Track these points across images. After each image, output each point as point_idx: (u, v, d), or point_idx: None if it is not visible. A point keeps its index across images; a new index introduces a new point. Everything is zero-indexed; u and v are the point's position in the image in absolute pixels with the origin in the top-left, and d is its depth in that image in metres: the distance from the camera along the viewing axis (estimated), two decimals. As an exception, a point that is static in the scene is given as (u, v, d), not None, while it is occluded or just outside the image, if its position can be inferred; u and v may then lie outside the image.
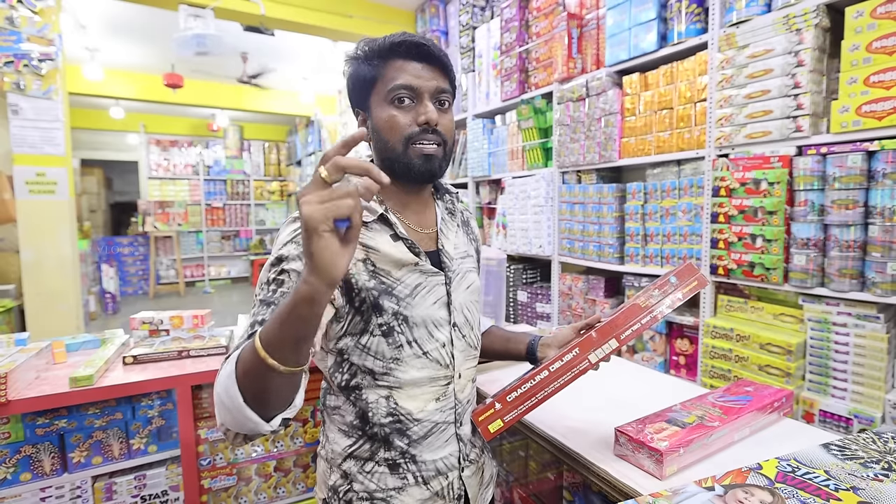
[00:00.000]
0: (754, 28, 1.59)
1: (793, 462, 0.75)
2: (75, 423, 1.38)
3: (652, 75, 1.96)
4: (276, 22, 3.51)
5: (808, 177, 1.45)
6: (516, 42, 2.64)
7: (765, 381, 1.51)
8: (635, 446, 0.85)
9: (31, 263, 2.91)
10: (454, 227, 0.90)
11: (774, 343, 1.50)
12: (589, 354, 0.81)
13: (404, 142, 0.77)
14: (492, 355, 1.08)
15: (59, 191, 2.93)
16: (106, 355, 1.51)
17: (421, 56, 0.78)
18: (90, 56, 5.04)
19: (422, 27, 3.72)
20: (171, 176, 7.75)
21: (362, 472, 0.80)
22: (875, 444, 0.82)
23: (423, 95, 0.77)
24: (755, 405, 0.96)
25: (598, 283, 2.20)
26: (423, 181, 0.81)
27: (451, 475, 0.84)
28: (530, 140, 2.57)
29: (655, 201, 1.94)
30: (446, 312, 0.82)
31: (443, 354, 0.81)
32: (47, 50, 2.76)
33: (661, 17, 1.91)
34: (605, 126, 2.12)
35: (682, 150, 1.83)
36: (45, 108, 2.82)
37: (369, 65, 0.79)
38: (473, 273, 0.91)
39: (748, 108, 1.60)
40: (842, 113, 1.39)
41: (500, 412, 0.82)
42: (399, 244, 0.79)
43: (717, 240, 1.67)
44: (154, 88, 5.88)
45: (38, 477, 1.35)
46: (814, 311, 1.47)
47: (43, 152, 2.85)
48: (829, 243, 1.42)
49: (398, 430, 0.79)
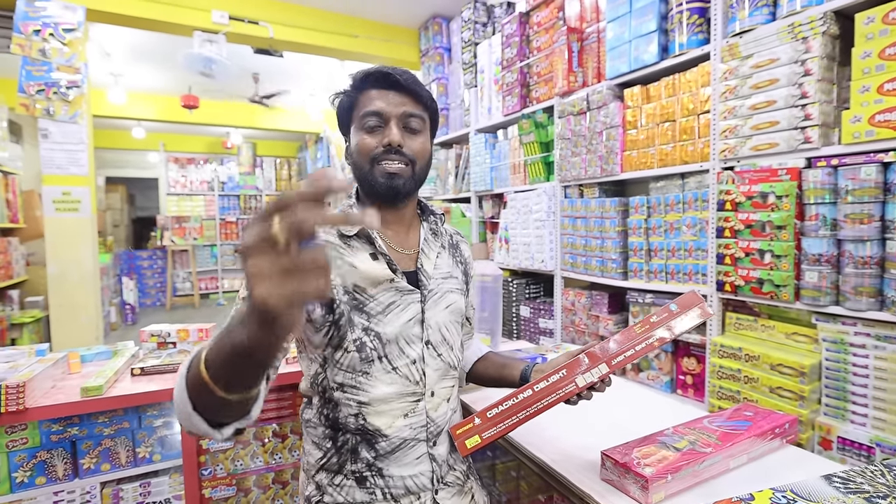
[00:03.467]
0: (758, 38, 1.50)
1: (789, 493, 0.67)
2: (86, 430, 1.42)
3: (654, 87, 1.87)
4: (285, 44, 3.51)
5: (819, 190, 1.35)
6: (517, 57, 2.58)
7: (776, 405, 1.39)
8: (621, 471, 0.80)
9: (56, 277, 3.02)
10: (437, 247, 0.91)
11: (786, 364, 1.38)
12: (576, 377, 0.77)
13: (370, 161, 0.81)
14: (487, 382, 1.06)
15: (82, 208, 3.04)
16: (116, 366, 1.55)
17: (389, 84, 0.81)
18: (114, 81, 5.23)
19: (425, 44, 3.68)
20: (188, 192, 7.82)
21: (332, 484, 0.81)
22: (884, 477, 0.72)
23: (389, 120, 0.81)
24: (754, 431, 0.88)
25: (602, 298, 2.10)
26: (388, 198, 0.83)
27: (424, 496, 0.82)
28: (532, 154, 2.49)
29: (659, 215, 1.84)
30: (420, 329, 0.82)
31: (412, 371, 0.81)
32: (74, 78, 2.88)
33: (662, 29, 1.83)
34: (607, 139, 2.03)
35: (686, 163, 1.73)
36: (71, 131, 2.95)
37: (348, 96, 0.85)
38: (455, 294, 0.91)
39: (753, 120, 1.51)
40: (853, 123, 1.29)
41: (479, 428, 0.79)
42: (378, 262, 0.81)
43: (724, 255, 1.56)
44: (172, 109, 5.96)
45: (52, 481, 1.38)
46: (829, 330, 1.35)
47: (69, 172, 2.99)
48: (844, 259, 1.31)
49: (367, 441, 0.80)
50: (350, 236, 0.81)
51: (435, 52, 3.53)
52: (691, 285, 1.71)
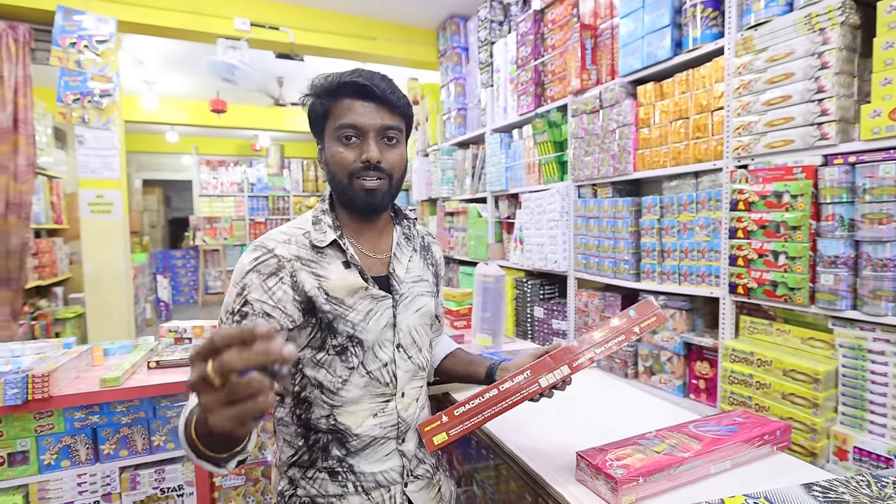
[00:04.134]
0: (773, 30, 1.45)
1: (762, 501, 0.66)
2: (106, 418, 1.53)
3: (667, 84, 1.83)
4: (305, 48, 3.60)
5: (836, 189, 1.29)
6: (532, 55, 2.57)
7: (789, 412, 1.35)
8: (593, 472, 0.81)
9: (91, 276, 3.20)
10: (409, 251, 0.92)
11: (799, 370, 1.34)
12: (540, 378, 0.80)
13: (348, 176, 0.81)
14: (454, 377, 1.09)
15: (115, 210, 3.21)
16: (134, 360, 1.66)
17: (366, 95, 0.80)
18: (147, 88, 5.49)
19: (443, 45, 3.70)
20: (219, 193, 8.11)
21: (305, 477, 0.83)
22: (869, 488, 0.69)
23: (367, 133, 0.80)
24: (740, 437, 0.87)
25: (615, 300, 2.07)
26: (366, 213, 0.85)
27: (394, 489, 0.85)
28: (546, 154, 2.48)
29: (672, 215, 1.81)
30: (392, 333, 0.85)
31: (383, 373, 0.84)
32: (106, 87, 3.05)
33: (676, 23, 1.79)
34: (620, 138, 2.00)
35: (699, 162, 1.69)
36: (104, 137, 3.12)
37: (321, 102, 0.83)
38: (426, 297, 0.93)
39: (768, 116, 1.46)
40: (873, 118, 1.23)
41: (446, 425, 0.83)
42: (350, 271, 0.82)
43: (736, 256, 1.52)
44: (202, 114, 6.19)
45: (75, 464, 1.49)
46: (845, 336, 1.30)
47: (102, 176, 3.15)
48: (861, 261, 1.26)
49: (338, 440, 0.82)
50: (323, 248, 0.82)
51: (453, 52, 3.54)
52: (704, 287, 1.67)
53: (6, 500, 1.40)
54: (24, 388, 1.35)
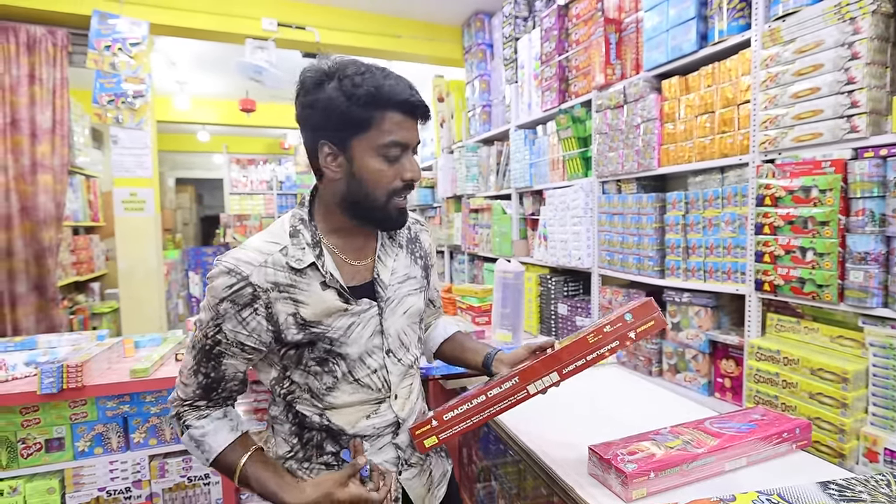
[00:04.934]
0: (801, 20, 1.43)
1: (775, 497, 0.68)
2: (136, 408, 1.63)
3: (692, 78, 1.83)
4: (331, 47, 3.69)
5: (866, 183, 1.28)
6: (556, 51, 2.58)
7: (816, 412, 1.34)
8: (605, 466, 0.83)
9: (125, 272, 3.35)
10: (394, 251, 0.91)
11: (827, 369, 1.33)
12: (528, 385, 0.81)
13: (387, 195, 0.79)
14: (451, 361, 1.11)
15: (147, 208, 3.35)
16: (163, 352, 1.74)
17: (416, 114, 0.79)
18: (180, 88, 5.70)
19: (468, 41, 3.74)
20: (249, 191, 8.37)
21: (301, 468, 0.86)
22: (889, 487, 0.70)
23: (409, 150, 0.79)
24: (757, 434, 0.88)
25: (639, 297, 2.07)
26: (393, 229, 0.86)
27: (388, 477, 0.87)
28: (570, 150, 2.50)
29: (697, 211, 1.80)
30: (380, 339, 0.85)
31: (374, 380, 0.85)
32: (139, 88, 3.19)
33: (701, 16, 1.78)
34: (644, 133, 2.00)
35: (725, 157, 1.68)
36: (137, 137, 3.26)
37: (363, 109, 0.75)
38: (414, 296, 0.92)
39: (795, 109, 1.45)
40: (905, 109, 1.22)
41: (436, 429, 0.86)
42: (329, 292, 0.80)
43: (762, 253, 1.51)
44: (232, 113, 6.41)
45: (107, 452, 1.59)
46: (876, 334, 1.28)
47: (135, 175, 3.29)
48: (893, 258, 1.24)
49: (332, 437, 0.85)
50: (301, 269, 0.79)
51: (478, 49, 3.58)
52: (730, 284, 1.66)
53: (44, 485, 1.50)
54: (60, 377, 1.44)
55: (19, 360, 1.65)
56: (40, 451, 1.51)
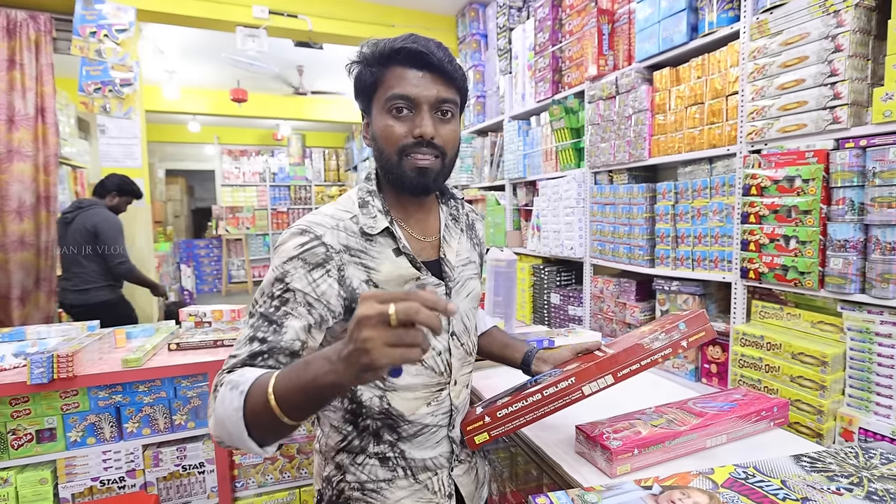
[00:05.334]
0: (788, 12, 1.48)
1: (750, 469, 0.72)
2: (128, 398, 1.62)
3: (683, 69, 1.87)
4: (324, 36, 3.71)
5: (846, 172, 1.33)
6: (549, 41, 2.62)
7: (797, 394, 1.41)
8: (591, 444, 0.86)
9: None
10: (457, 233, 0.89)
11: (807, 353, 1.39)
12: (583, 385, 0.82)
13: (398, 153, 0.76)
14: (488, 356, 1.09)
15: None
16: (155, 342, 1.76)
17: (421, 64, 0.74)
18: (169, 77, 5.60)
19: (462, 31, 3.76)
20: (242, 183, 8.37)
21: (354, 464, 0.82)
22: (857, 458, 0.75)
23: (421, 106, 0.74)
24: (737, 412, 0.92)
25: (630, 286, 2.13)
26: (416, 194, 0.80)
27: (441, 473, 0.86)
28: (562, 141, 2.54)
29: (686, 201, 1.85)
30: (445, 321, 0.82)
31: (438, 362, 0.82)
32: (127, 76, 3.14)
33: (692, 7, 1.82)
34: (636, 124, 2.05)
35: (714, 147, 1.73)
36: (125, 126, 3.22)
37: (370, 70, 0.76)
38: (474, 280, 0.91)
39: (781, 100, 1.50)
40: (885, 101, 1.27)
41: (489, 426, 0.86)
42: (401, 259, 0.79)
43: (748, 241, 1.57)
44: (223, 103, 6.37)
45: (100, 442, 1.60)
46: (854, 319, 1.34)
47: (124, 165, 3.25)
48: (870, 245, 1.30)
49: (389, 426, 0.81)
50: (373, 235, 0.78)
51: (472, 39, 3.60)
52: (717, 273, 1.72)
53: (35, 475, 1.50)
54: (50, 367, 1.45)
55: (7, 351, 1.65)
56: (31, 441, 1.52)
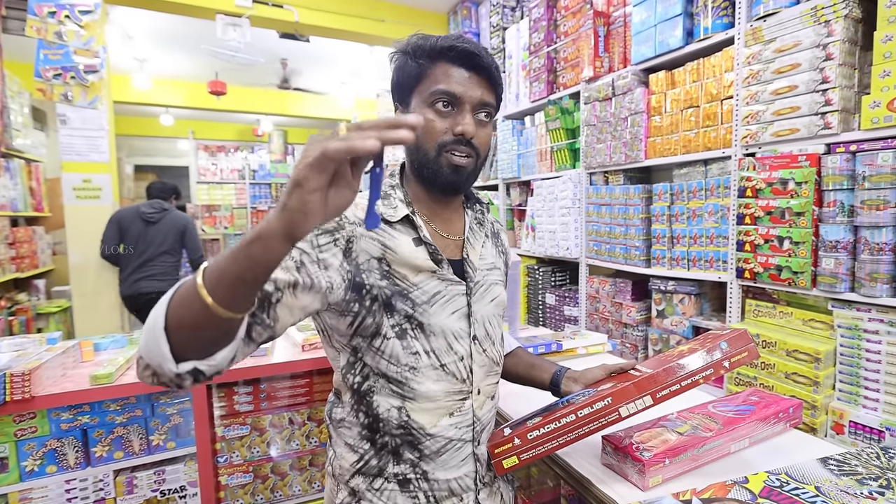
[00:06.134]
0: (781, 21, 1.57)
1: (783, 476, 0.74)
2: (97, 418, 1.46)
3: (678, 73, 1.96)
4: (310, 28, 3.71)
5: (837, 176, 1.43)
6: (544, 42, 2.69)
7: (791, 390, 1.50)
8: (620, 455, 0.84)
9: (77, 266, 3.11)
10: (482, 236, 0.89)
11: (802, 350, 1.48)
12: (620, 407, 0.79)
13: (437, 148, 0.77)
14: (514, 379, 1.06)
15: (104, 196, 3.13)
16: (129, 354, 1.60)
17: (470, 65, 0.76)
18: (139, 66, 5.40)
19: (454, 29, 3.82)
20: (219, 180, 8.23)
21: (371, 489, 0.79)
22: (879, 459, 0.80)
23: (464, 105, 0.77)
24: (757, 415, 0.94)
25: (626, 286, 2.21)
26: (448, 192, 0.82)
27: (467, 497, 0.82)
28: (558, 141, 2.61)
29: (682, 202, 1.94)
30: (466, 324, 0.81)
31: (460, 368, 0.80)
32: (92, 62, 2.94)
33: (688, 13, 1.91)
34: (632, 126, 2.13)
35: (709, 150, 1.82)
36: (90, 117, 3.01)
37: (416, 62, 0.78)
38: (499, 286, 0.90)
39: (775, 105, 1.59)
40: (872, 108, 1.36)
41: (518, 448, 0.81)
42: (420, 249, 0.78)
43: (743, 242, 1.66)
44: (200, 96, 6.27)
45: (63, 469, 1.44)
46: (844, 317, 1.44)
47: (89, 159, 3.05)
48: (860, 246, 1.39)
49: (409, 442, 0.78)
50: (394, 222, 0.78)
51: (462, 36, 3.66)
52: (713, 272, 1.81)
53: None
54: (2, 388, 1.27)
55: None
56: (-25, 475, 1.31)
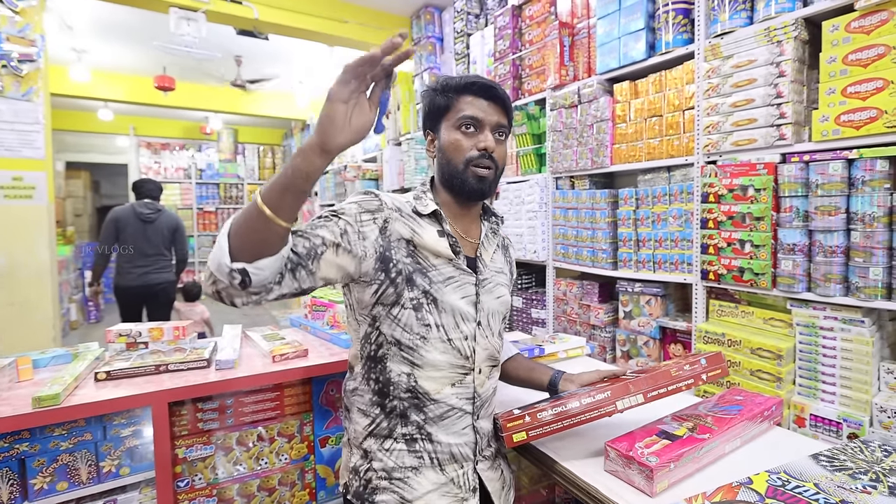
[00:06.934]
0: (738, 39, 1.66)
1: (783, 475, 0.77)
2: (38, 446, 1.29)
3: (642, 83, 2.02)
4: (270, 26, 3.56)
5: (793, 183, 1.51)
6: (510, 49, 2.71)
7: (756, 387, 1.57)
8: (625, 462, 0.84)
9: (6, 272, 2.80)
10: (494, 244, 1.02)
11: (765, 348, 1.56)
12: (618, 401, 0.90)
13: (465, 162, 0.92)
14: (515, 381, 1.18)
15: (37, 196, 2.85)
16: (76, 371, 1.41)
17: (488, 96, 0.93)
18: (77, 57, 5.03)
19: (417, 33, 3.78)
20: (162, 179, 7.76)
21: (381, 449, 0.90)
22: (863, 453, 0.84)
23: (484, 127, 0.93)
24: (746, 415, 0.97)
25: (593, 288, 2.25)
26: (474, 198, 0.95)
27: (466, 465, 0.92)
28: (524, 146, 2.63)
29: (647, 207, 2.00)
30: (473, 310, 0.93)
31: (464, 346, 0.92)
32: (28, 51, 2.71)
33: (650, 27, 1.98)
34: (597, 133, 2.18)
35: (672, 157, 1.89)
36: (24, 110, 2.75)
37: (445, 97, 0.95)
38: (505, 287, 1.02)
39: (734, 117, 1.67)
40: (822, 122, 1.46)
41: (528, 425, 0.90)
42: (443, 240, 0.92)
43: (707, 245, 1.73)
44: (145, 90, 5.88)
45: None
46: (802, 315, 1.53)
47: (21, 156, 2.79)
48: (815, 248, 1.48)
49: (415, 405, 0.89)
50: (423, 214, 0.92)
51: (427, 42, 3.63)
52: (678, 274, 1.87)
53: None
54: None
55: None
56: None
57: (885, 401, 1.37)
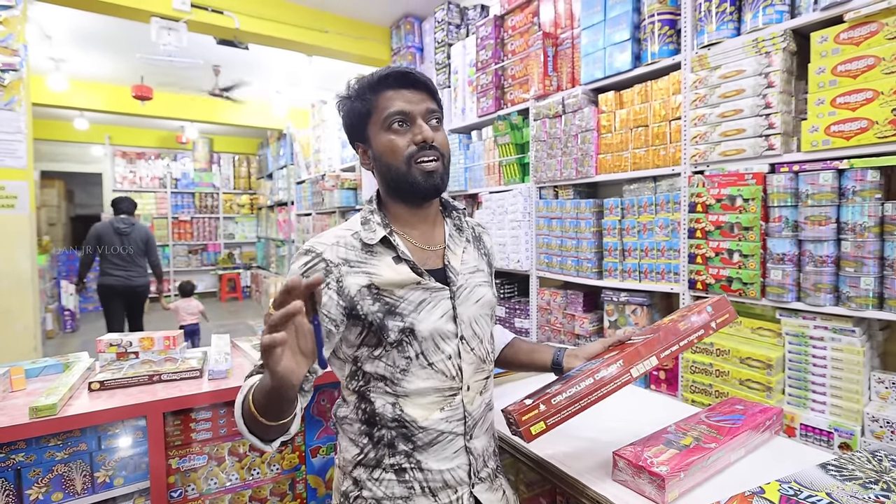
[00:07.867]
0: (725, 50, 1.61)
1: (794, 485, 0.73)
2: (34, 456, 1.28)
3: (627, 94, 1.97)
4: (251, 36, 3.42)
5: (782, 193, 1.46)
6: (492, 59, 2.63)
7: (746, 396, 1.50)
8: (635, 471, 0.81)
9: None
10: (462, 242, 0.92)
11: (754, 357, 1.49)
12: (632, 368, 0.82)
13: (406, 161, 0.82)
14: (516, 366, 1.09)
15: (19, 205, 2.79)
16: (70, 381, 1.41)
17: (408, 83, 0.84)
18: (55, 66, 4.88)
19: (397, 43, 3.69)
20: (137, 188, 7.45)
21: (371, 479, 0.83)
22: (870, 463, 0.80)
23: (415, 118, 0.83)
24: (749, 424, 0.93)
25: (577, 297, 2.17)
26: (429, 197, 0.86)
27: (461, 490, 0.84)
28: (507, 155, 2.55)
29: (633, 216, 1.94)
30: (453, 325, 0.84)
31: (448, 366, 0.83)
32: (11, 60, 2.64)
33: (635, 38, 1.93)
34: (582, 143, 2.11)
35: (658, 167, 1.83)
36: (6, 119, 2.69)
37: (362, 100, 0.85)
38: (484, 287, 0.92)
39: (722, 127, 1.62)
40: (811, 132, 1.41)
41: (545, 414, 0.81)
42: (402, 265, 0.83)
43: (695, 255, 1.66)
44: (121, 100, 5.65)
45: None
46: (791, 325, 1.47)
47: (3, 165, 2.73)
48: (804, 258, 1.43)
49: (403, 434, 0.82)
50: (373, 245, 0.83)
51: (407, 52, 3.54)
52: (664, 284, 1.81)
53: None
54: None
55: None
56: None
57: (877, 410, 1.32)
